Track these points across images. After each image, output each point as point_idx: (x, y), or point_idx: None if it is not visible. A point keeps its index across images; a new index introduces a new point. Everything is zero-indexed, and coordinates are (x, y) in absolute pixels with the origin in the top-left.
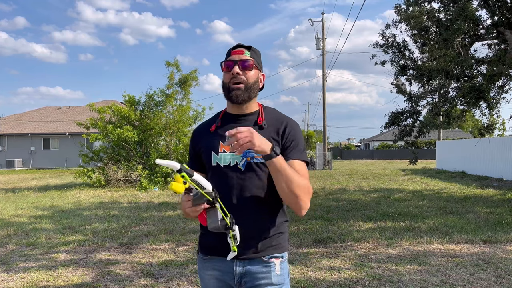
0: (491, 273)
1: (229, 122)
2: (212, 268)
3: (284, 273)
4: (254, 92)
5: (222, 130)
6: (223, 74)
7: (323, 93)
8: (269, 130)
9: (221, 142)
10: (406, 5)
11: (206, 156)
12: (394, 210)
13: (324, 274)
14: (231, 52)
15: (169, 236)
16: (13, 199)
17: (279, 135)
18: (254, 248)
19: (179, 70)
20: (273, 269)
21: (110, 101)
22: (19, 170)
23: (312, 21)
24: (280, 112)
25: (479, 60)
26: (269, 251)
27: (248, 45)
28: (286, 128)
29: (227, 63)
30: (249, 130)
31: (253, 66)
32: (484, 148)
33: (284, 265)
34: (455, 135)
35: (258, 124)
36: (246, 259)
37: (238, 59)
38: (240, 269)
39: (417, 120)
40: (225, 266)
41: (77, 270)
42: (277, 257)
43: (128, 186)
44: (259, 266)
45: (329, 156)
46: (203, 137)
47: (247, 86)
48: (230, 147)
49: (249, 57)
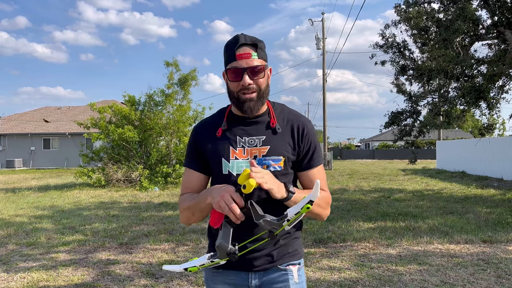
0: (491, 273)
1: (238, 125)
2: (223, 282)
3: (302, 280)
4: (267, 96)
5: (231, 134)
6: (230, 81)
7: (323, 93)
8: (283, 134)
9: (231, 148)
10: (405, 6)
11: (215, 163)
12: (394, 210)
13: (324, 274)
14: (236, 56)
15: (169, 236)
16: (13, 199)
17: (295, 139)
18: (270, 257)
19: (178, 70)
20: (291, 277)
21: (111, 101)
22: (19, 170)
23: (312, 21)
24: (289, 109)
25: (479, 60)
26: (286, 258)
27: (252, 41)
28: (304, 132)
29: (234, 72)
30: (268, 174)
31: (264, 70)
32: (484, 148)
33: (301, 272)
34: (455, 135)
35: (271, 127)
36: (261, 270)
37: (246, 66)
38: (256, 282)
39: (417, 120)
40: (239, 280)
41: (77, 270)
42: (294, 264)
43: (128, 186)
44: (276, 275)
45: (329, 156)
46: (209, 141)
47: (260, 94)
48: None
49: (257, 59)
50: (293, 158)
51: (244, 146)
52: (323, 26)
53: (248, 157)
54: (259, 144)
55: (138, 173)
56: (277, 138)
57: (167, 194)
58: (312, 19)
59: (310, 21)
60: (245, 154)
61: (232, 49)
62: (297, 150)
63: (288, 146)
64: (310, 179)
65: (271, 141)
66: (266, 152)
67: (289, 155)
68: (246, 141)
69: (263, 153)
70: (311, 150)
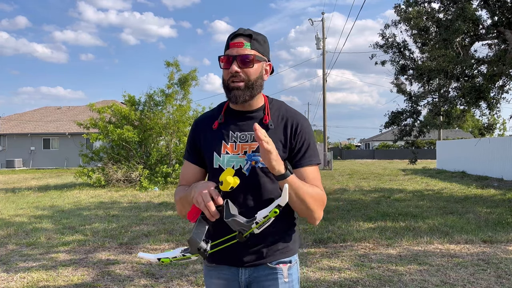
0: (491, 273)
1: (233, 120)
2: (217, 276)
3: (292, 279)
4: (257, 88)
5: (225, 129)
6: (222, 69)
7: (323, 93)
8: (275, 131)
9: (224, 142)
10: (405, 6)
11: (207, 156)
12: (394, 210)
13: (324, 274)
14: (229, 44)
15: (169, 236)
16: (13, 199)
17: (288, 136)
18: (259, 254)
19: (178, 70)
20: (280, 276)
21: (110, 101)
22: (19, 170)
23: (312, 21)
24: (287, 106)
25: (479, 60)
26: (276, 256)
27: (248, 33)
28: (297, 129)
29: (225, 60)
30: (271, 145)
31: (254, 60)
32: (484, 148)
33: (292, 271)
34: (455, 135)
35: (264, 123)
36: (251, 266)
37: (236, 54)
38: (246, 277)
39: (417, 120)
40: (231, 274)
41: (77, 270)
42: (285, 262)
43: (128, 186)
44: (265, 273)
45: (329, 156)
46: (205, 133)
47: (248, 84)
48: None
49: (250, 49)
50: (284, 155)
51: (235, 141)
52: (323, 26)
53: (239, 152)
54: (250, 140)
55: (138, 173)
56: (269, 135)
57: (167, 194)
58: (312, 19)
59: (310, 21)
60: (236, 149)
61: (228, 39)
62: (288, 147)
63: (279, 143)
64: (301, 178)
65: None
66: (256, 148)
67: (279, 152)
68: (238, 136)
69: (253, 149)
70: (304, 147)
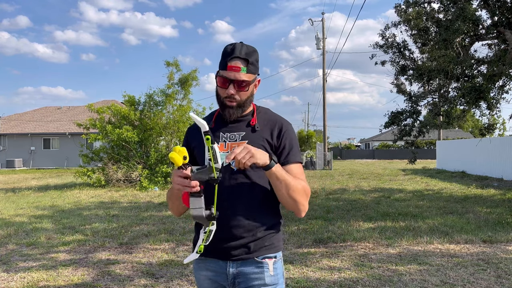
0: (491, 273)
1: (222, 125)
2: (205, 269)
3: (277, 273)
4: (247, 105)
5: (216, 131)
6: (219, 87)
7: (323, 93)
8: (262, 132)
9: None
10: (405, 5)
11: (199, 155)
12: (394, 210)
13: (324, 274)
14: (227, 66)
15: (169, 236)
16: (13, 199)
17: (273, 137)
18: (247, 248)
19: (178, 70)
20: (266, 270)
21: (111, 101)
22: (19, 170)
23: (312, 21)
24: (273, 112)
25: (479, 60)
26: (262, 251)
27: (245, 56)
28: (281, 130)
29: (222, 81)
30: (245, 148)
31: (249, 85)
32: (484, 148)
33: (277, 265)
34: (455, 135)
35: (251, 125)
36: (239, 260)
37: (233, 78)
38: (233, 270)
39: (417, 120)
40: (218, 267)
41: (77, 270)
42: (270, 257)
43: (128, 186)
44: (252, 266)
45: (329, 156)
46: (197, 136)
47: (241, 104)
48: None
49: (245, 73)
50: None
51: (225, 141)
52: (323, 26)
53: (228, 150)
54: (238, 139)
55: (138, 173)
56: (255, 135)
57: None
58: (312, 19)
59: (310, 21)
60: (226, 148)
61: (225, 58)
62: (274, 145)
63: (266, 141)
64: (288, 173)
65: (250, 136)
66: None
67: (267, 148)
68: (227, 136)
69: None
70: (287, 147)
